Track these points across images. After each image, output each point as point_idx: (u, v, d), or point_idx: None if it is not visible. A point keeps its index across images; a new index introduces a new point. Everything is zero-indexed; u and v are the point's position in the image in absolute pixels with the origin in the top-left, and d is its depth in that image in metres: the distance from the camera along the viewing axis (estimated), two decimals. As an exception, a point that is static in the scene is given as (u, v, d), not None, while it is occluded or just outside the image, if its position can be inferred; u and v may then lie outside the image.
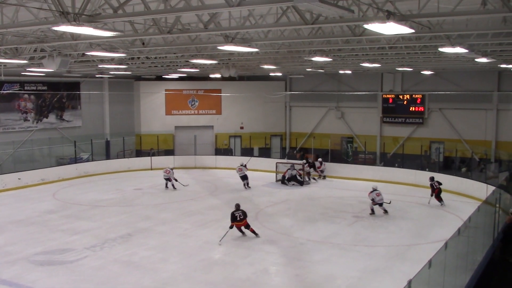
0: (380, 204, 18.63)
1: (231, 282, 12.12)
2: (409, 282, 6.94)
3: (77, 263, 13.53)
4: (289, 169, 25.45)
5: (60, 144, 29.76)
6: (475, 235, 12.16)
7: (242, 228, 15.69)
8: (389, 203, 18.94)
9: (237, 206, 15.70)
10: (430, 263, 7.97)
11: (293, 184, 24.93)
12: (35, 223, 17.80)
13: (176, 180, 23.93)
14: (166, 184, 23.91)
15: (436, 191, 20.06)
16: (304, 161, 26.82)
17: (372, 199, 18.62)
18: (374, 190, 18.77)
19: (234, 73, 22.39)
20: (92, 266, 13.27)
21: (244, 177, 24.07)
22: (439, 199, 20.14)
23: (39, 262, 13.60)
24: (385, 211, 18.79)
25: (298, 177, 25.15)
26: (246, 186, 24.10)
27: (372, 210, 18.76)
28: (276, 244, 15.23)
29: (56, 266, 13.30)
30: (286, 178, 25.22)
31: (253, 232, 15.71)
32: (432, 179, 20.35)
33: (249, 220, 15.80)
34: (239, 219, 15.47)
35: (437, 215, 19.06)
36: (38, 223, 17.81)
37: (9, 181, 23.75)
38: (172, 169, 24.16)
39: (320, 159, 27.20)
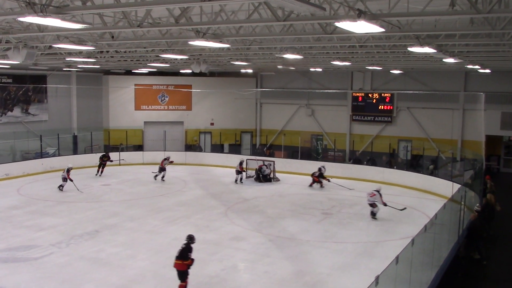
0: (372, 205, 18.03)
1: (200, 279, 12.03)
2: (377, 278, 7.02)
3: (42, 260, 13.24)
4: (264, 165, 25.50)
5: (25, 139, 29.02)
6: (441, 232, 12.41)
7: None
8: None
9: None
10: (397, 259, 8.09)
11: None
12: (-1, 219, 17.37)
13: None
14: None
15: None
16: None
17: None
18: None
19: (205, 69, 22.22)
20: (58, 263, 13.00)
21: None
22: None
23: (3, 259, 13.24)
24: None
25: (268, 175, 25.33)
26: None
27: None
28: (246, 241, 15.21)
29: (20, 263, 12.98)
30: (262, 174, 25.20)
31: None
32: None
33: (218, 215, 15.33)
34: None
35: (404, 212, 19.34)
36: (2, 219, 17.34)
37: (-29, 176, 23.09)
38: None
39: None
